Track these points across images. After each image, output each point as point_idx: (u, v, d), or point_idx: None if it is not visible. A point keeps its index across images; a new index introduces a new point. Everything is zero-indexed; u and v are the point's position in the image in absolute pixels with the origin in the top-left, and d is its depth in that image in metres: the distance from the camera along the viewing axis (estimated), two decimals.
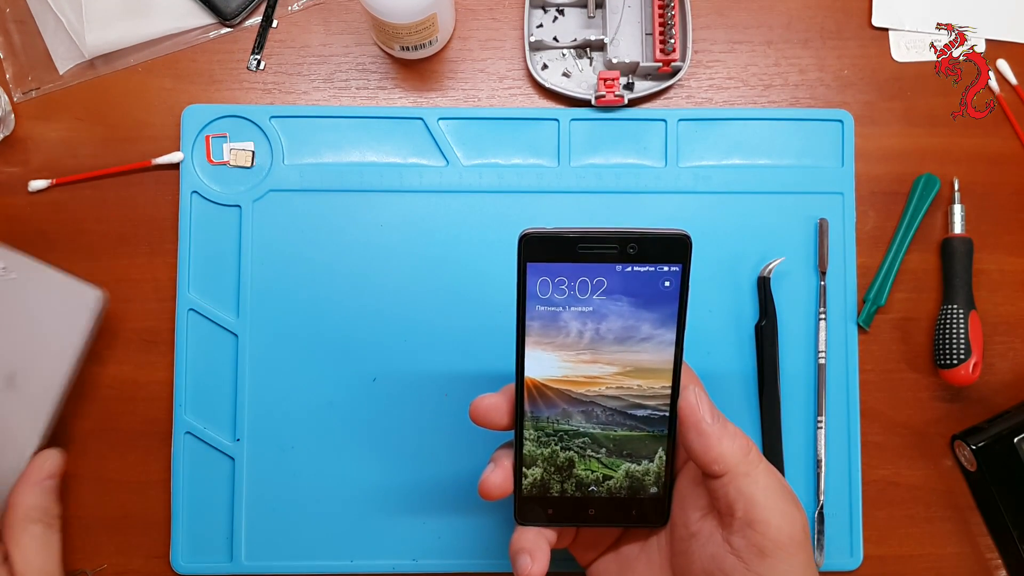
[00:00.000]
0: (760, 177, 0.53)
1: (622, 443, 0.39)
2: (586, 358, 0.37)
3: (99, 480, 0.52)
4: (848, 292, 0.53)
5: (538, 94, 0.54)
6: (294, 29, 0.55)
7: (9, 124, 0.53)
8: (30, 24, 0.54)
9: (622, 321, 0.37)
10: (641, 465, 0.39)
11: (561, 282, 0.36)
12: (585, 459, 0.39)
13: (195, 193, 0.52)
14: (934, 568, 0.52)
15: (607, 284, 0.36)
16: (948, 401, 0.53)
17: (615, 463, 0.39)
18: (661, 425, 0.38)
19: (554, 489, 0.39)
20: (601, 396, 0.38)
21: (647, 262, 0.36)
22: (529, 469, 0.39)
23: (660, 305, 0.37)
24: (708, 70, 0.55)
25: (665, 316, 0.37)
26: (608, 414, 0.38)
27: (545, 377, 0.38)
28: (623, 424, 0.38)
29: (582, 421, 0.38)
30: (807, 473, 0.52)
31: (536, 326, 0.37)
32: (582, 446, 0.39)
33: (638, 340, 0.37)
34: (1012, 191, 0.54)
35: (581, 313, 0.37)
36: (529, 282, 0.36)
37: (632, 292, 0.36)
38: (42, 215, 0.53)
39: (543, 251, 0.36)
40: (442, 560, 0.51)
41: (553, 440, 0.39)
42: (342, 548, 0.51)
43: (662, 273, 0.36)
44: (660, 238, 0.36)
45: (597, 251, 0.36)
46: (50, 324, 0.49)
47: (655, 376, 0.38)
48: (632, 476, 0.39)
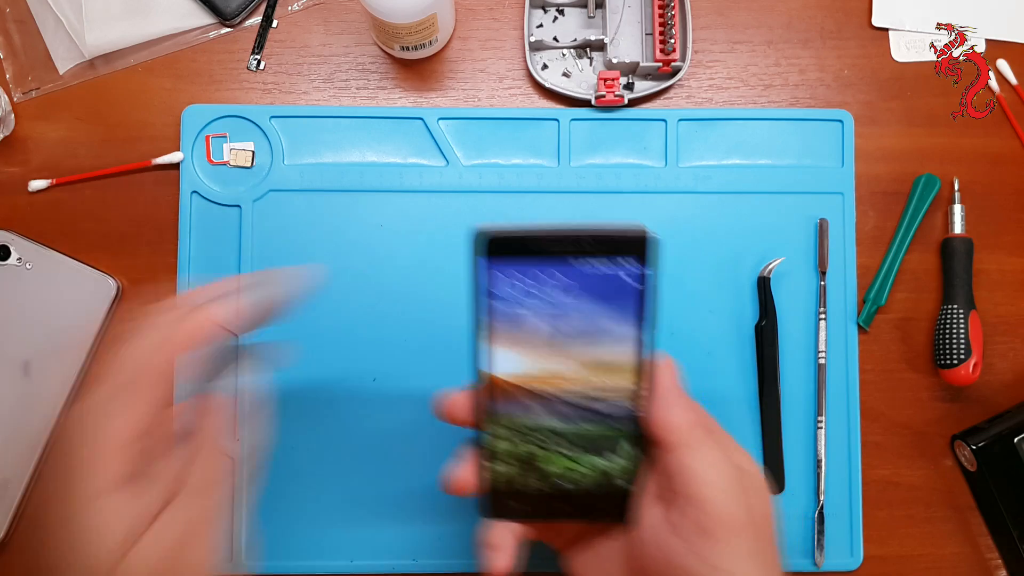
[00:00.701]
0: (760, 177, 0.53)
1: (586, 437, 0.38)
2: (548, 354, 0.36)
3: None
4: (848, 292, 0.53)
5: (538, 94, 0.54)
6: (294, 29, 0.55)
7: (9, 124, 0.53)
8: (30, 24, 0.54)
9: (584, 318, 0.36)
10: (607, 459, 0.38)
11: (521, 279, 0.36)
12: (550, 453, 0.38)
13: (195, 193, 0.52)
14: (934, 568, 0.52)
15: (566, 281, 0.36)
16: (948, 401, 0.53)
17: (580, 457, 0.38)
18: (625, 419, 0.37)
19: (519, 483, 0.38)
20: (563, 391, 0.37)
21: (607, 259, 0.35)
22: (492, 464, 0.38)
23: (621, 302, 0.36)
24: (708, 70, 0.55)
25: (626, 312, 0.36)
26: (571, 409, 0.37)
27: (505, 373, 0.37)
28: (587, 419, 0.37)
29: (545, 416, 0.37)
30: (807, 473, 0.52)
31: (494, 323, 0.36)
32: (546, 440, 0.38)
33: (599, 336, 0.36)
34: (1012, 191, 0.54)
35: (542, 311, 0.36)
36: (486, 280, 0.36)
37: (593, 289, 0.36)
38: (42, 215, 0.53)
39: (500, 249, 0.35)
40: (442, 560, 0.51)
41: (516, 435, 0.38)
42: (342, 548, 0.51)
43: (623, 269, 0.35)
44: (619, 236, 0.35)
45: (555, 249, 0.35)
46: (65, 313, 0.50)
47: (618, 371, 0.37)
48: (598, 470, 0.38)
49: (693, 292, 0.52)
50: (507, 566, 0.38)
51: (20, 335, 0.50)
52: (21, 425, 0.50)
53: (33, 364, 0.50)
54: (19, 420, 0.50)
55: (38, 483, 0.51)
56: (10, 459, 0.50)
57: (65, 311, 0.51)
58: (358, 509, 0.51)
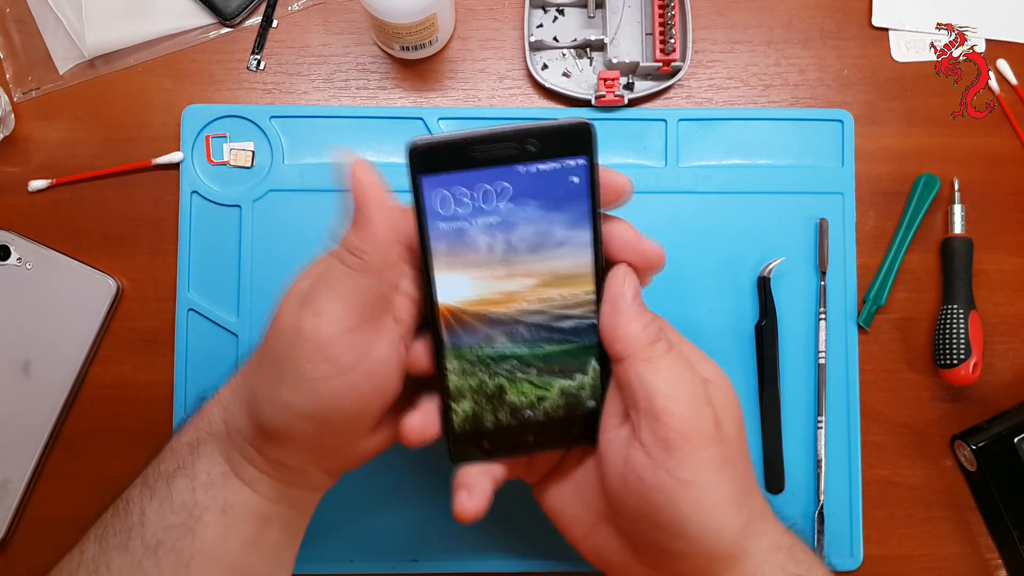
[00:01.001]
0: (760, 177, 0.53)
1: (552, 360, 0.36)
2: (501, 273, 0.34)
3: (99, 480, 0.52)
4: (848, 292, 0.53)
5: (538, 94, 0.54)
6: (294, 29, 0.55)
7: (9, 124, 0.53)
8: (30, 24, 0.54)
9: (533, 227, 0.34)
10: (575, 380, 0.36)
11: (461, 193, 0.33)
12: (516, 383, 0.36)
13: (195, 193, 0.52)
14: (934, 568, 0.52)
15: (511, 189, 0.33)
16: (948, 401, 0.53)
17: (548, 382, 0.36)
18: (590, 334, 0.35)
19: (488, 421, 0.36)
20: (523, 312, 0.35)
21: (550, 159, 0.33)
22: (458, 404, 0.36)
23: (570, 204, 0.34)
24: (708, 70, 0.55)
25: (578, 215, 0.34)
26: (533, 331, 0.35)
27: (460, 301, 0.35)
28: (550, 339, 0.35)
29: (507, 343, 0.35)
30: (807, 473, 0.52)
31: (442, 246, 0.34)
32: (511, 370, 0.36)
33: (553, 246, 0.34)
34: (1012, 191, 0.54)
35: (488, 225, 0.34)
36: (427, 198, 0.33)
37: (539, 194, 0.34)
38: (42, 215, 0.53)
39: (436, 161, 0.33)
40: (442, 560, 0.51)
41: (479, 368, 0.35)
42: (342, 548, 0.51)
43: (568, 168, 0.34)
44: (560, 130, 0.33)
45: (494, 153, 0.33)
46: (65, 313, 0.50)
47: (576, 283, 0.35)
48: (567, 393, 0.36)
49: (693, 292, 0.52)
50: (479, 507, 0.36)
51: (20, 335, 0.50)
52: (21, 425, 0.50)
53: (33, 364, 0.50)
54: (19, 420, 0.50)
55: (38, 483, 0.51)
56: (10, 459, 0.50)
57: (65, 311, 0.51)
58: (358, 509, 0.51)
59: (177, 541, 0.35)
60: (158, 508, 0.36)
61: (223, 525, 0.35)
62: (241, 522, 0.36)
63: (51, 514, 0.51)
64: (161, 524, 0.35)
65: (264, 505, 0.36)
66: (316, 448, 0.36)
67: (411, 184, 0.33)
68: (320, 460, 0.37)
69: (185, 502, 0.36)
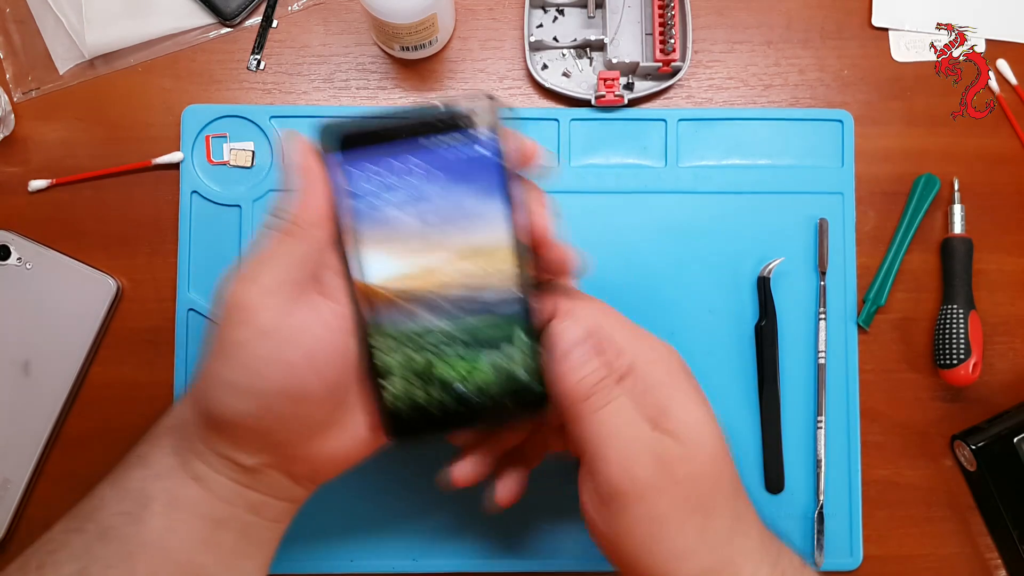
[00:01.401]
0: (760, 177, 0.53)
1: (477, 332, 0.35)
2: (418, 248, 0.35)
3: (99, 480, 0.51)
4: (848, 292, 0.53)
5: (538, 94, 0.54)
6: (294, 29, 0.55)
7: (9, 124, 0.53)
8: (30, 24, 0.54)
9: (445, 201, 0.34)
10: (503, 352, 0.36)
11: (373, 170, 0.34)
12: (444, 358, 0.36)
13: (195, 193, 0.52)
14: (934, 568, 0.52)
15: (421, 163, 0.34)
16: (948, 401, 0.53)
17: (476, 355, 0.36)
18: (513, 305, 0.35)
19: (420, 397, 0.36)
20: (443, 286, 0.35)
21: (456, 131, 0.34)
22: (387, 380, 0.36)
23: (480, 176, 0.34)
24: (708, 70, 0.55)
25: (489, 187, 0.34)
26: (455, 304, 0.35)
27: (380, 277, 0.35)
28: (473, 312, 0.35)
29: (430, 317, 0.35)
30: (807, 473, 0.52)
31: (358, 223, 0.35)
32: (437, 344, 0.36)
33: (468, 219, 0.34)
34: (1012, 191, 0.54)
35: (402, 200, 0.34)
36: (339, 176, 0.34)
37: (448, 167, 0.34)
38: (42, 215, 0.53)
39: (347, 141, 0.34)
40: (442, 560, 0.51)
41: (405, 345, 0.35)
42: (342, 548, 0.51)
43: (474, 141, 0.34)
44: (465, 104, 0.34)
45: (404, 130, 0.34)
46: (65, 313, 0.50)
47: (494, 255, 0.35)
48: (497, 366, 0.36)
49: (693, 292, 0.52)
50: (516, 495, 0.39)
51: (20, 335, 0.50)
52: (21, 425, 0.50)
53: (33, 364, 0.50)
54: (19, 420, 0.50)
55: (38, 483, 0.51)
56: (10, 459, 0.50)
57: (65, 311, 0.51)
58: (358, 509, 0.51)
59: (124, 528, 0.34)
60: (113, 494, 0.36)
61: (170, 519, 0.35)
62: (190, 519, 0.35)
63: (51, 514, 0.50)
64: (113, 509, 0.35)
65: (217, 506, 0.35)
66: (264, 442, 0.35)
67: (323, 162, 0.34)
68: (277, 461, 0.36)
69: (136, 490, 0.35)
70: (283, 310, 0.33)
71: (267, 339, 0.33)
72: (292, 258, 0.34)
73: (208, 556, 0.35)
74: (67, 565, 0.34)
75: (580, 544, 0.51)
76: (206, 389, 0.34)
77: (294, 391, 0.34)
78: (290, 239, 0.34)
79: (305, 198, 0.34)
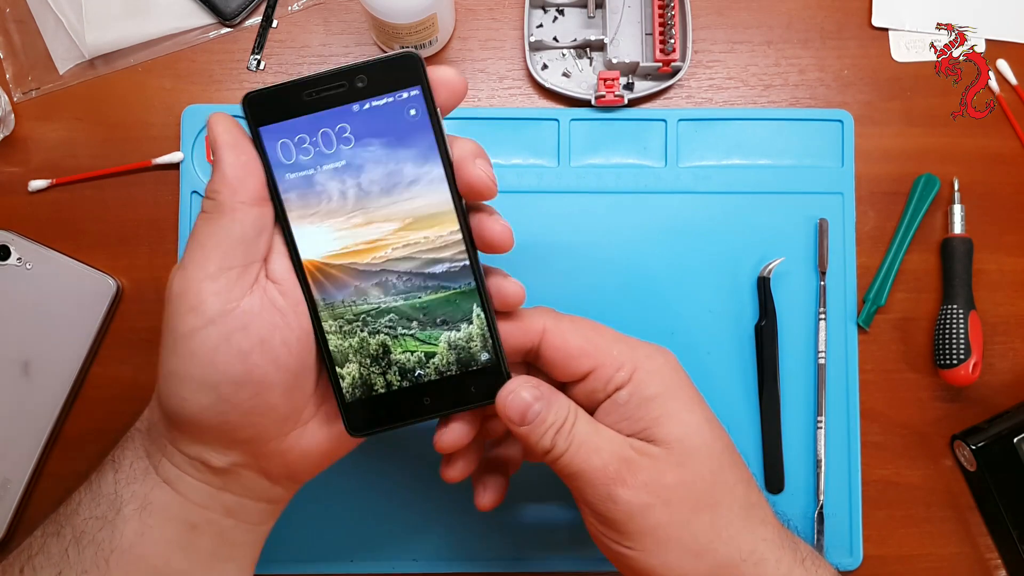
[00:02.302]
0: (760, 177, 0.53)
1: (431, 310, 0.34)
2: (359, 221, 0.33)
3: None
4: (848, 292, 0.53)
5: (538, 94, 0.54)
6: (294, 29, 0.55)
7: (9, 124, 0.53)
8: (30, 24, 0.54)
9: (381, 167, 0.33)
10: (461, 331, 0.34)
11: (302, 140, 0.33)
12: (399, 339, 0.34)
13: (195, 193, 0.52)
14: (934, 568, 0.52)
15: (351, 129, 0.33)
16: (948, 401, 0.53)
17: (432, 336, 0.34)
18: (466, 278, 0.34)
19: (378, 384, 0.34)
20: (390, 261, 0.33)
21: (382, 93, 0.32)
22: (343, 368, 0.34)
23: (414, 138, 0.33)
24: (708, 70, 0.55)
25: (424, 149, 0.33)
26: (404, 280, 0.34)
27: (323, 254, 0.33)
28: (424, 287, 0.34)
29: (380, 295, 0.34)
30: (807, 473, 0.52)
31: (293, 198, 0.33)
32: (391, 325, 0.34)
33: (406, 185, 0.33)
34: (1012, 191, 0.54)
35: (336, 170, 0.33)
36: (269, 149, 0.33)
37: (379, 132, 0.33)
38: (42, 215, 0.53)
39: (272, 110, 0.33)
40: (442, 560, 0.51)
41: (357, 326, 0.34)
42: (342, 548, 0.51)
43: (403, 101, 0.32)
44: (387, 63, 0.32)
45: (326, 95, 0.32)
46: (65, 313, 0.50)
47: (439, 222, 0.33)
48: (456, 346, 0.34)
49: (693, 292, 0.52)
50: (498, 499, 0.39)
51: (20, 335, 0.50)
52: (21, 425, 0.50)
53: (33, 364, 0.50)
54: (19, 420, 0.50)
55: (38, 483, 0.51)
56: (10, 459, 0.50)
57: (65, 311, 0.51)
58: (358, 509, 0.51)
59: (97, 532, 0.34)
60: (89, 498, 0.35)
61: (142, 523, 0.34)
62: (163, 523, 0.34)
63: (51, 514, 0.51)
64: (87, 514, 0.34)
65: (190, 509, 0.35)
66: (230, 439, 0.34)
67: (252, 137, 0.33)
68: (248, 459, 0.35)
69: (108, 494, 0.34)
70: (228, 295, 0.32)
71: (215, 326, 0.32)
72: (230, 239, 0.32)
73: (184, 560, 0.35)
74: (45, 570, 0.34)
75: (579, 544, 0.51)
76: (163, 387, 0.33)
77: (252, 381, 0.32)
78: (224, 219, 0.32)
79: (234, 174, 0.32)
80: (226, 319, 0.32)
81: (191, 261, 0.32)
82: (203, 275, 0.32)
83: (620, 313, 0.52)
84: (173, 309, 0.32)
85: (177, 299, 0.32)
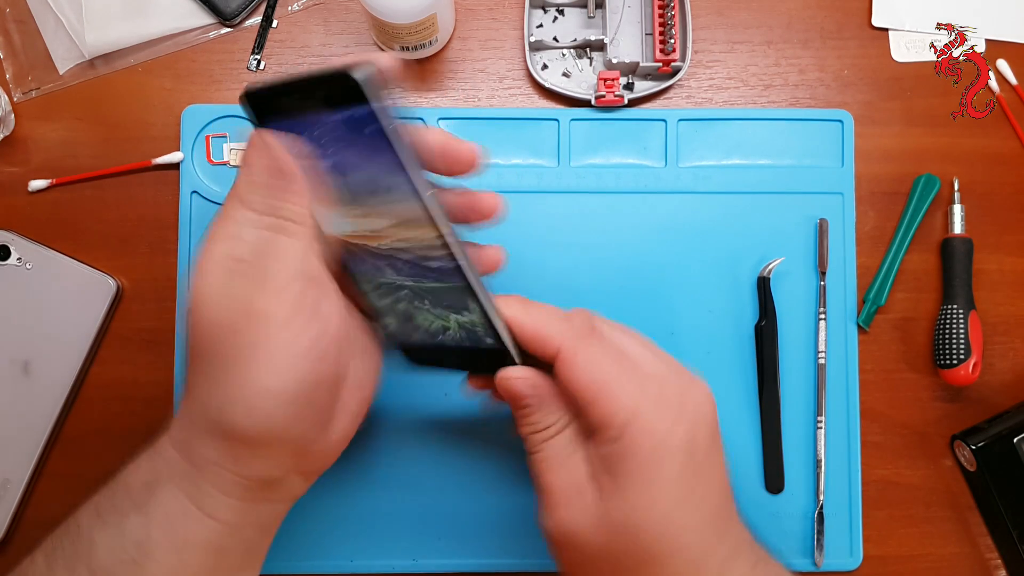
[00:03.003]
0: (760, 177, 0.53)
1: (437, 294, 0.35)
2: (359, 212, 0.34)
3: (99, 480, 0.51)
4: (848, 292, 0.53)
5: (538, 94, 0.54)
6: (294, 29, 0.55)
7: (9, 124, 0.53)
8: (30, 24, 0.54)
9: (362, 171, 0.33)
10: (465, 316, 0.36)
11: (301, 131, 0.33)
12: (419, 311, 0.36)
13: (195, 193, 0.52)
14: (934, 568, 0.52)
15: (333, 133, 0.33)
16: (948, 401, 0.53)
17: (443, 314, 0.36)
18: (457, 276, 0.35)
19: (413, 338, 0.38)
20: (393, 249, 0.35)
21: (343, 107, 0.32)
22: (384, 319, 0.37)
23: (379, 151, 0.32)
24: (708, 70, 0.55)
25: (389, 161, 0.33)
26: (409, 267, 0.35)
27: (340, 233, 0.35)
28: (426, 276, 0.35)
29: (393, 274, 0.35)
30: (807, 473, 0.52)
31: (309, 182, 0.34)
32: (409, 298, 0.36)
33: (385, 190, 0.33)
34: (1012, 191, 0.54)
35: (331, 166, 0.34)
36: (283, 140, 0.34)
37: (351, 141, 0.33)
38: (42, 215, 0.53)
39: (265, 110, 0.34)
40: (442, 560, 0.51)
41: (385, 293, 0.36)
42: (341, 548, 0.51)
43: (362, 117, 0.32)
44: (322, 79, 0.31)
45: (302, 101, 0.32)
46: (65, 313, 0.50)
47: (421, 227, 0.34)
48: (464, 326, 0.36)
49: (693, 292, 0.52)
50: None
51: (20, 335, 0.50)
52: (21, 425, 0.50)
53: (33, 364, 0.50)
54: (19, 420, 0.50)
55: (38, 483, 0.51)
56: (10, 459, 0.50)
57: (65, 311, 0.51)
58: (357, 509, 0.51)
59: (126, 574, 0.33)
60: (109, 542, 0.34)
61: (177, 562, 0.34)
62: (196, 557, 0.34)
63: (51, 514, 0.51)
64: (111, 558, 0.33)
65: (223, 535, 0.34)
66: (295, 441, 0.34)
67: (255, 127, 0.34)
68: (300, 460, 0.35)
69: (139, 540, 0.34)
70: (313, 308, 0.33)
71: (288, 330, 0.32)
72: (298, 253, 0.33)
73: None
74: None
75: None
76: (242, 408, 0.32)
77: (330, 378, 0.33)
78: (289, 238, 0.33)
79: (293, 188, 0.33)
80: (324, 330, 0.33)
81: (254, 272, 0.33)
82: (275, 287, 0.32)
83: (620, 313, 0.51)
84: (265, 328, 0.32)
85: (266, 319, 0.32)
